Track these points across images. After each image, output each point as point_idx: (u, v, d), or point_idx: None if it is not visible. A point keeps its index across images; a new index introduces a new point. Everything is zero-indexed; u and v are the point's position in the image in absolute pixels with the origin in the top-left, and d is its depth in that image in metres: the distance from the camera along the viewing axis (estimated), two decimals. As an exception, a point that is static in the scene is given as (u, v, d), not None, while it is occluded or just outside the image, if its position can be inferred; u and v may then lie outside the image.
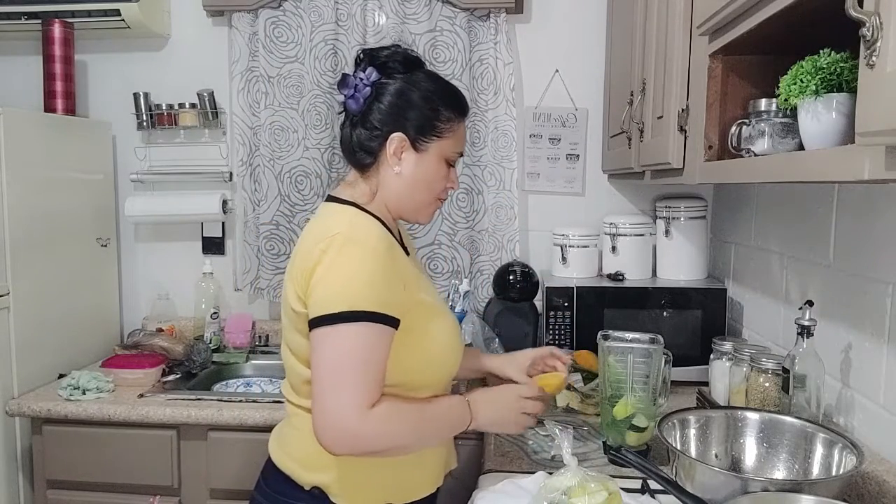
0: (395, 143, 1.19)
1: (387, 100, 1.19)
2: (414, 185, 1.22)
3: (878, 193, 1.23)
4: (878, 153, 0.67)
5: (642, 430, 1.34)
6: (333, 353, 1.07)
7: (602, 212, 2.16)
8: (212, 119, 2.31)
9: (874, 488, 1.12)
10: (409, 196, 1.23)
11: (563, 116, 2.25)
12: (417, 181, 1.22)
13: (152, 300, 2.36)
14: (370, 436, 1.07)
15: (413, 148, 1.20)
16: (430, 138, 1.21)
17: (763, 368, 1.36)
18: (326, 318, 1.07)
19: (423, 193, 1.24)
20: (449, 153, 1.23)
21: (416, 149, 1.20)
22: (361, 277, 1.09)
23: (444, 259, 2.27)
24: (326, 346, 1.08)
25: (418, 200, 1.24)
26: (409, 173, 1.21)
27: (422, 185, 1.23)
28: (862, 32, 0.64)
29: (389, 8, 2.15)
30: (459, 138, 1.25)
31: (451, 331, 1.25)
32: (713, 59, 1.16)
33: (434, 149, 1.21)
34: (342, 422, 1.05)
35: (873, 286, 1.24)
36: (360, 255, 1.10)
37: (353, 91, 1.21)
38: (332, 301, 1.08)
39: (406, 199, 1.23)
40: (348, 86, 1.21)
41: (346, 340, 1.07)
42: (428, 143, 1.21)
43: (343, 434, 1.06)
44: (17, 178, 1.86)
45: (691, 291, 1.91)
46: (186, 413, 1.75)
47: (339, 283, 1.09)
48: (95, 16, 2.16)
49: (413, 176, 1.21)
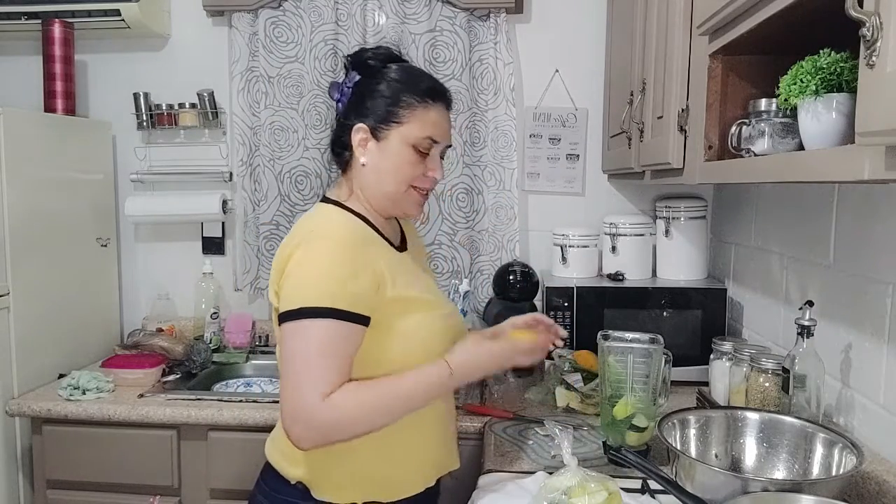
0: (359, 134, 1.20)
1: (357, 94, 1.22)
2: (379, 175, 1.21)
3: (878, 193, 1.23)
4: (878, 153, 0.67)
5: (642, 430, 1.34)
6: (295, 348, 1.09)
7: (602, 212, 2.16)
8: (212, 119, 2.31)
9: (874, 488, 1.12)
10: (377, 187, 1.22)
11: (563, 116, 2.25)
12: (382, 171, 1.21)
13: (152, 300, 2.36)
14: (332, 423, 1.07)
15: (374, 137, 1.20)
16: (388, 125, 1.20)
17: (763, 368, 1.36)
18: (290, 313, 1.09)
19: (390, 184, 1.21)
20: (415, 139, 1.20)
21: (377, 137, 1.20)
22: (326, 273, 1.10)
23: (444, 259, 2.27)
24: (289, 342, 1.10)
25: (389, 192, 1.22)
26: (372, 163, 1.21)
27: (387, 175, 1.21)
28: (862, 32, 0.64)
29: (389, 8, 2.15)
30: (427, 123, 1.21)
31: (435, 325, 1.23)
32: (713, 59, 1.16)
33: (395, 136, 1.20)
34: (302, 415, 1.06)
35: (873, 286, 1.24)
36: (325, 251, 1.11)
37: (339, 95, 1.25)
38: (296, 297, 1.09)
39: (376, 191, 1.22)
40: (336, 90, 1.26)
41: (306, 336, 1.08)
42: (387, 129, 1.20)
43: (305, 427, 1.07)
44: (17, 178, 1.86)
45: (691, 291, 1.91)
46: (186, 413, 1.75)
47: (303, 279, 1.10)
48: (95, 16, 2.16)
49: (377, 166, 1.21)
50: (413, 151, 1.21)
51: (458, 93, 2.18)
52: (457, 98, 2.18)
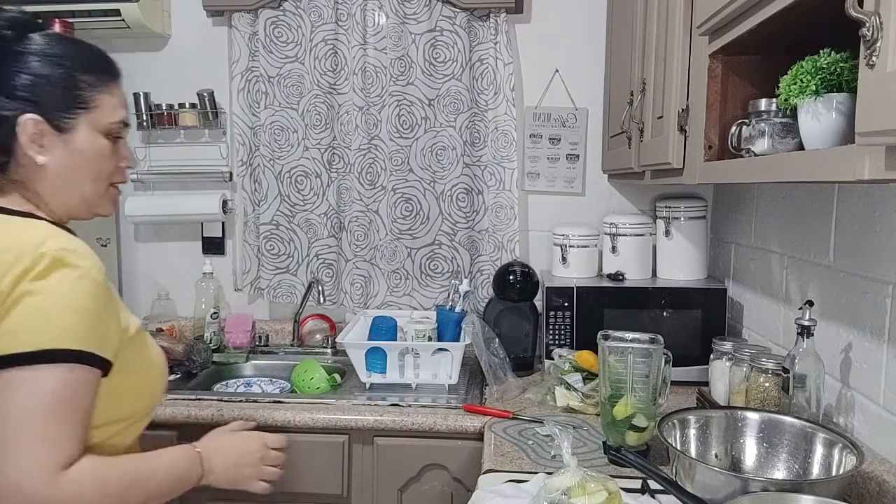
0: (29, 128, 0.96)
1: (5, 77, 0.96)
2: (71, 174, 1.00)
3: (878, 193, 1.23)
4: (878, 153, 0.67)
5: (642, 430, 1.34)
6: (23, 401, 0.85)
7: (602, 212, 2.16)
8: (212, 119, 2.31)
9: (874, 488, 1.12)
10: (72, 189, 1.01)
11: (563, 116, 2.25)
12: (74, 169, 1.00)
13: (152, 300, 2.36)
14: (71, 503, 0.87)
15: (56, 129, 0.98)
16: (72, 113, 0.99)
17: (763, 368, 1.36)
18: (19, 357, 0.86)
19: (87, 183, 1.02)
20: (106, 125, 1.02)
21: (60, 129, 0.98)
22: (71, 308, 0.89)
23: (444, 259, 2.27)
24: (17, 393, 0.86)
25: (88, 192, 1.03)
26: (58, 162, 0.98)
27: (82, 173, 1.01)
28: (862, 32, 0.64)
29: (389, 8, 2.15)
30: (115, 104, 1.04)
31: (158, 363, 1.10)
32: (713, 59, 1.16)
33: (83, 124, 1.00)
34: (31, 486, 0.84)
35: (873, 286, 1.24)
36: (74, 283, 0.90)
37: None
38: (29, 337, 0.87)
39: (70, 195, 1.01)
40: None
41: (42, 386, 0.86)
42: (72, 118, 0.99)
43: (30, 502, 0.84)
44: (17, 178, 1.86)
45: (691, 291, 1.91)
46: (186, 413, 1.75)
47: (38, 315, 0.87)
48: (95, 16, 2.16)
49: (66, 164, 0.99)
50: (106, 140, 1.03)
51: (458, 93, 2.18)
52: (457, 98, 2.19)
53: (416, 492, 1.70)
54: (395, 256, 2.27)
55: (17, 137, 0.96)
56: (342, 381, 2.00)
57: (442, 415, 1.68)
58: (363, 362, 1.86)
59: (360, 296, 2.27)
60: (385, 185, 2.23)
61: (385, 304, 2.29)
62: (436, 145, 2.22)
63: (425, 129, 2.21)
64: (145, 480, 0.98)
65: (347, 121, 2.20)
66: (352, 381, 1.95)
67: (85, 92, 1.00)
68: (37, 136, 0.97)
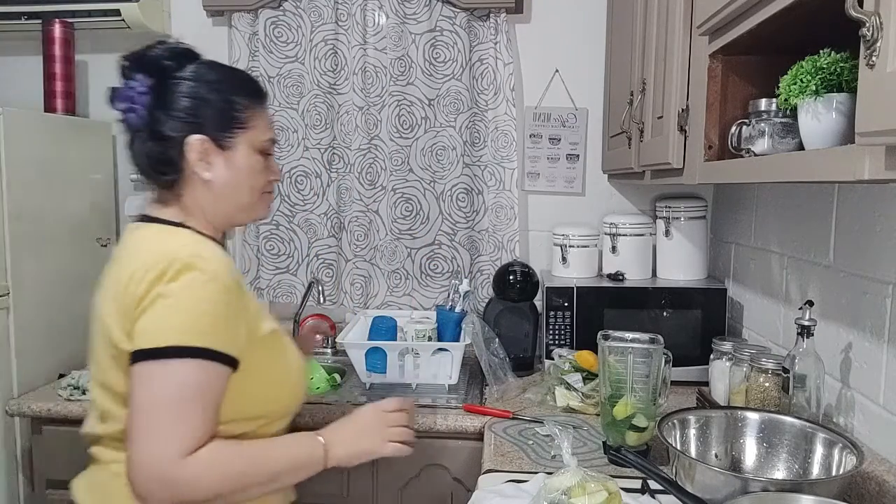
0: (196, 148, 1.07)
1: (171, 102, 1.06)
2: (233, 186, 1.11)
3: (878, 193, 1.23)
4: (878, 153, 0.67)
5: (642, 430, 1.34)
6: (157, 392, 0.94)
7: (602, 212, 2.16)
8: (212, 119, 2.31)
9: (874, 488, 1.12)
10: (231, 201, 1.12)
11: (563, 116, 2.25)
12: (235, 183, 1.11)
13: (152, 300, 2.36)
14: (189, 483, 0.94)
15: (219, 148, 1.09)
16: (233, 132, 1.09)
17: (763, 368, 1.36)
18: (151, 351, 0.95)
19: (245, 195, 1.13)
20: (260, 143, 1.13)
21: (223, 147, 1.09)
22: (199, 309, 0.97)
23: (444, 259, 2.27)
24: (148, 385, 0.95)
25: (243, 202, 1.13)
26: (222, 177, 1.09)
27: (242, 186, 1.12)
28: (862, 32, 0.64)
29: (389, 8, 2.15)
30: (266, 125, 1.15)
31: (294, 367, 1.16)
32: (713, 59, 1.16)
33: (242, 142, 1.10)
34: (157, 468, 0.93)
35: (873, 286, 1.24)
36: (203, 286, 0.98)
37: (129, 104, 1.07)
38: (161, 334, 0.95)
39: (229, 206, 1.12)
40: (121, 99, 1.08)
41: (173, 379, 0.95)
42: (233, 137, 1.09)
43: (158, 482, 0.93)
44: (17, 178, 1.86)
45: (691, 291, 1.91)
46: (186, 413, 1.75)
47: (169, 314, 0.96)
48: (95, 16, 2.16)
49: (228, 179, 1.10)
50: (260, 157, 1.14)
51: (458, 93, 2.18)
52: (457, 98, 2.19)
53: (416, 491, 1.70)
54: (395, 256, 2.27)
55: (186, 156, 1.07)
56: (342, 381, 2.00)
57: (442, 415, 1.68)
58: (363, 362, 1.86)
59: (360, 296, 2.27)
60: (385, 185, 2.23)
61: (385, 304, 2.29)
62: (436, 145, 2.22)
63: (425, 129, 2.21)
64: (265, 462, 1.03)
65: (347, 121, 2.20)
66: (352, 381, 1.95)
67: (241, 113, 1.10)
68: (203, 154, 1.07)
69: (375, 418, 1.17)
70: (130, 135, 1.11)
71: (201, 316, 0.97)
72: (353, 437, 1.14)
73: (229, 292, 1.01)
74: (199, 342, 0.96)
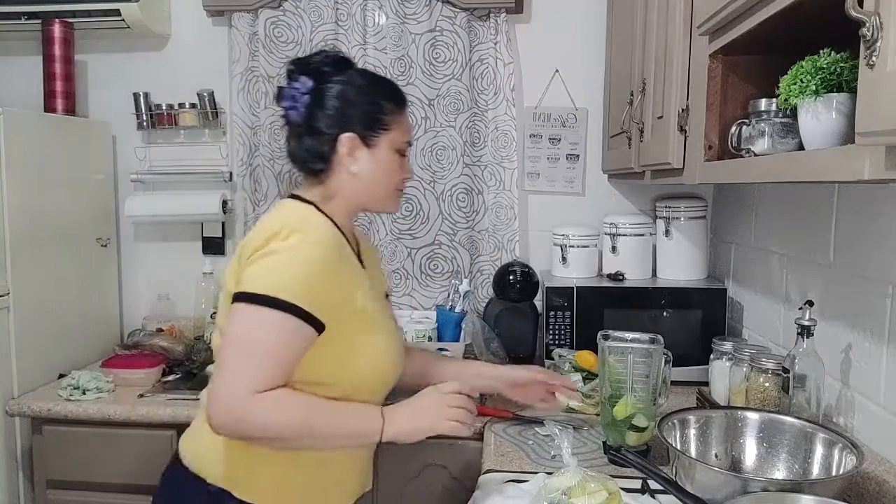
0: (346, 144, 1.20)
1: (327, 103, 1.20)
2: (373, 180, 1.23)
3: (878, 193, 1.23)
4: (878, 153, 0.67)
5: (642, 430, 1.34)
6: (243, 330, 1.07)
7: (602, 212, 2.16)
8: (212, 119, 2.31)
9: (874, 488, 1.12)
10: (369, 192, 1.25)
11: (563, 116, 2.25)
12: (375, 177, 1.23)
13: (152, 300, 2.36)
14: (253, 418, 1.05)
15: (365, 145, 1.21)
16: (378, 132, 1.22)
17: (763, 368, 1.36)
18: (249, 295, 1.07)
19: (382, 188, 1.26)
20: (399, 144, 1.25)
21: (368, 145, 1.22)
22: (296, 269, 1.09)
23: (444, 259, 2.27)
24: (238, 322, 1.07)
25: (380, 195, 1.26)
26: (365, 171, 1.22)
27: (381, 180, 1.24)
28: (862, 32, 0.64)
29: (389, 8, 2.15)
30: (405, 128, 1.27)
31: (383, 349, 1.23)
32: (713, 59, 1.16)
33: (384, 142, 1.23)
34: (230, 400, 1.04)
35: (873, 286, 1.24)
36: (301, 248, 1.10)
37: (291, 102, 1.21)
38: (260, 282, 1.07)
39: (367, 196, 1.25)
40: (286, 98, 1.22)
41: (258, 323, 1.06)
42: (377, 137, 1.22)
43: (228, 413, 1.04)
44: (17, 178, 1.86)
45: (691, 291, 1.91)
46: (186, 413, 1.75)
47: (272, 268, 1.09)
48: (95, 16, 2.16)
49: (370, 173, 1.22)
50: (397, 156, 1.25)
51: (458, 93, 2.18)
52: (457, 98, 2.19)
53: (417, 491, 1.70)
54: (395, 256, 2.27)
55: (336, 150, 1.20)
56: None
57: (442, 415, 1.68)
58: (363, 362, 1.85)
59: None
60: (385, 185, 2.23)
61: (385, 304, 2.29)
62: (436, 145, 2.22)
63: (425, 129, 2.21)
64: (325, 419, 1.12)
65: (347, 121, 2.20)
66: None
67: (387, 116, 1.23)
68: (351, 149, 1.20)
69: (435, 398, 1.21)
70: (289, 130, 1.25)
71: (297, 274, 1.08)
72: (411, 415, 1.19)
73: (327, 259, 1.12)
74: (289, 297, 1.06)
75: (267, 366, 1.06)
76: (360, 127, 1.21)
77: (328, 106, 1.20)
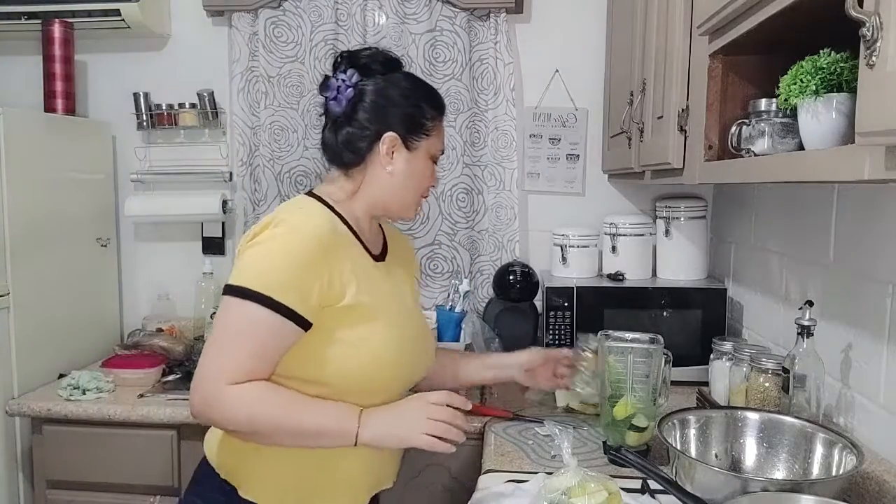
0: (388, 143, 1.20)
1: (372, 99, 1.20)
2: (405, 183, 1.23)
3: (878, 193, 1.23)
4: (878, 153, 0.67)
5: (642, 430, 1.34)
6: (222, 321, 1.10)
7: (602, 212, 2.16)
8: (212, 119, 2.31)
9: (874, 488, 1.12)
10: (397, 194, 1.24)
11: (563, 116, 2.25)
12: (408, 179, 1.23)
13: (152, 300, 2.36)
14: (222, 408, 1.06)
15: (405, 147, 1.22)
16: (420, 136, 1.22)
17: (763, 368, 1.36)
18: (232, 288, 1.08)
19: (411, 192, 1.25)
20: (434, 151, 1.26)
21: (409, 147, 1.22)
22: (279, 262, 1.08)
23: (444, 259, 2.27)
24: (221, 313, 1.10)
25: (406, 198, 1.25)
26: (400, 171, 1.22)
27: (411, 183, 1.24)
28: (862, 32, 0.64)
29: (389, 8, 2.15)
30: (441, 136, 1.28)
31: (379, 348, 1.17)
32: (713, 59, 1.16)
33: (423, 147, 1.23)
34: (205, 386, 1.07)
35: (873, 286, 1.24)
36: (285, 241, 1.10)
37: (335, 93, 1.21)
38: (242, 275, 1.09)
39: (394, 197, 1.24)
40: (330, 88, 1.22)
41: (237, 315, 1.08)
42: (418, 141, 1.22)
43: (201, 400, 1.07)
44: (17, 178, 1.86)
45: (691, 291, 1.91)
46: (186, 413, 1.75)
47: (255, 260, 1.10)
48: (95, 16, 2.16)
49: (404, 174, 1.22)
50: (430, 163, 1.26)
51: (458, 93, 2.18)
52: (457, 98, 2.19)
53: (416, 491, 1.70)
54: (395, 256, 2.27)
55: (376, 147, 1.20)
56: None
57: (442, 415, 1.68)
58: (363, 362, 1.85)
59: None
60: (385, 185, 2.23)
61: (385, 304, 2.29)
62: (436, 145, 2.21)
63: (425, 129, 2.20)
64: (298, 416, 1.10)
65: (347, 121, 2.20)
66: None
67: (428, 122, 1.23)
68: (391, 149, 1.20)
69: (417, 406, 1.16)
70: (328, 120, 1.25)
71: (273, 267, 1.08)
72: (389, 422, 1.14)
73: (309, 249, 1.10)
74: (265, 290, 1.06)
75: (243, 358, 1.07)
76: (402, 128, 1.21)
77: (373, 102, 1.20)
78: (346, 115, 1.21)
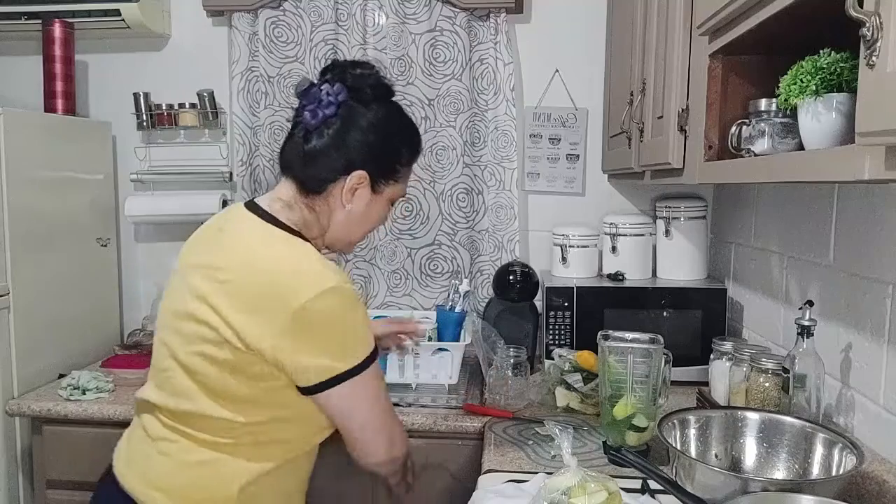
0: (355, 181, 1.13)
1: (354, 133, 1.12)
2: (359, 223, 1.19)
3: (878, 193, 1.23)
4: (878, 153, 0.67)
5: (642, 430, 1.34)
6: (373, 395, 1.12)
7: (602, 212, 2.16)
8: (212, 119, 2.31)
9: (874, 488, 1.12)
10: (349, 232, 1.20)
11: (563, 116, 2.25)
12: (363, 219, 1.19)
13: (152, 300, 2.36)
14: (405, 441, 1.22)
15: (371, 188, 1.16)
16: (388, 182, 1.18)
17: (763, 368, 1.36)
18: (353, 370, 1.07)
19: (359, 232, 1.22)
20: (396, 196, 1.22)
21: (374, 190, 1.16)
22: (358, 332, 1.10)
23: (444, 259, 2.27)
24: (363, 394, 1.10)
25: (354, 237, 1.22)
26: (358, 212, 1.17)
27: (365, 224, 1.21)
28: (862, 32, 0.64)
29: (389, 8, 2.15)
30: (407, 180, 1.24)
31: None
32: (713, 59, 1.16)
33: (388, 192, 1.19)
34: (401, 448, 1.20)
35: (873, 286, 1.24)
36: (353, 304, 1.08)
37: (315, 104, 1.11)
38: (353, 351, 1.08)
39: (344, 235, 1.20)
40: (311, 97, 1.12)
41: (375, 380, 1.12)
42: (386, 186, 1.18)
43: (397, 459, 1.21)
44: (17, 178, 1.86)
45: (691, 291, 1.91)
46: (186, 413, 1.75)
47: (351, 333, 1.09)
48: (95, 16, 2.16)
49: (361, 214, 1.17)
50: (388, 206, 1.22)
51: (458, 93, 2.18)
52: (457, 98, 2.19)
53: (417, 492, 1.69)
54: (394, 256, 2.27)
55: (342, 181, 1.13)
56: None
57: (442, 415, 1.68)
58: (363, 362, 1.85)
59: (360, 296, 2.27)
60: (385, 185, 2.23)
61: (385, 304, 2.29)
62: (436, 145, 2.22)
63: (425, 129, 2.21)
64: None
65: (347, 121, 2.20)
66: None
67: (402, 166, 1.19)
68: (354, 187, 1.13)
69: None
70: (298, 129, 1.15)
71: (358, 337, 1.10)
72: None
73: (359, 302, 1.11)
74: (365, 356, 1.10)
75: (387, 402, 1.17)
76: (374, 169, 1.15)
77: (351, 134, 1.12)
78: (318, 131, 1.12)
